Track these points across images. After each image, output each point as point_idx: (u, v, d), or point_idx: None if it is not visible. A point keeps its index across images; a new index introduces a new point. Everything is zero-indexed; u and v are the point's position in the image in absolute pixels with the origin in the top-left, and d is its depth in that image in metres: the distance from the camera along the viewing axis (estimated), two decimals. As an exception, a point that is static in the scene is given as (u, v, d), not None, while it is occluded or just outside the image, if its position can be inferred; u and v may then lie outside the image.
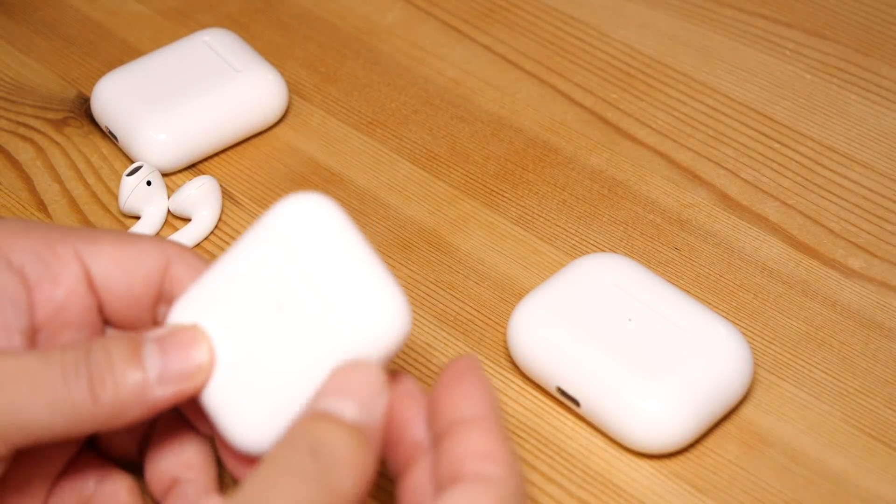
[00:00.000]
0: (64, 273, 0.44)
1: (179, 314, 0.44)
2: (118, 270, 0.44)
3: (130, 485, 0.46)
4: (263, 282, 0.42)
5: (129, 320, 0.45)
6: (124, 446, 0.47)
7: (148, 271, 0.44)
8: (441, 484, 0.40)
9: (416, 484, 0.41)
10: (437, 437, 0.41)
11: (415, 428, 0.41)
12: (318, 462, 0.37)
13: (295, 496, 0.37)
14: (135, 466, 0.47)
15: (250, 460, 0.43)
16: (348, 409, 0.39)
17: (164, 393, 0.41)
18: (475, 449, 0.39)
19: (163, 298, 0.45)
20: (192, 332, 0.42)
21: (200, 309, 0.43)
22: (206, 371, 0.42)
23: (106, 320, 0.45)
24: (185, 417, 0.46)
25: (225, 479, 0.50)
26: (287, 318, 0.42)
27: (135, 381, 0.41)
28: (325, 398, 0.39)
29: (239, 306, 0.42)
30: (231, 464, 0.44)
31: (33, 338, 0.44)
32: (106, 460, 0.46)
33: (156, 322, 0.46)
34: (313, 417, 0.39)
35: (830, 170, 0.61)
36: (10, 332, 0.43)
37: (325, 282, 0.41)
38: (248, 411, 0.42)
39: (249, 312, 0.42)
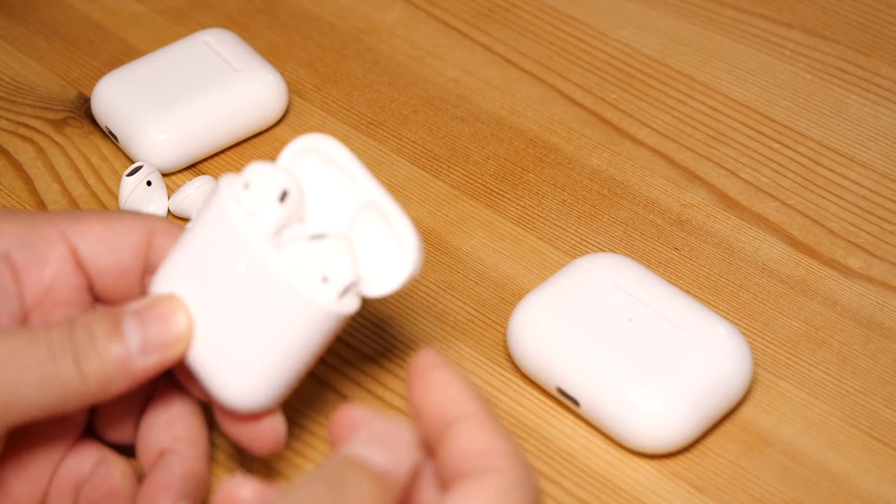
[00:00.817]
0: (50, 254, 0.45)
1: (158, 285, 0.44)
2: (105, 247, 0.45)
3: (124, 468, 0.46)
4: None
5: (118, 295, 0.46)
6: (121, 431, 0.47)
7: (133, 245, 0.45)
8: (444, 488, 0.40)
9: (423, 495, 0.41)
10: (433, 445, 0.41)
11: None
12: (335, 498, 0.37)
13: None
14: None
15: (245, 419, 0.44)
16: (377, 456, 0.38)
17: (146, 363, 0.42)
18: (472, 447, 0.39)
19: (148, 270, 0.46)
20: (169, 302, 0.43)
21: (178, 277, 0.44)
22: (186, 339, 0.43)
23: (96, 297, 0.46)
24: (179, 384, 0.46)
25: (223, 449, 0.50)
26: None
27: (117, 355, 0.42)
28: (357, 444, 0.39)
29: (216, 267, 0.43)
30: (227, 425, 0.45)
31: (24, 320, 0.45)
32: (104, 446, 0.47)
33: (144, 294, 0.46)
34: (342, 459, 0.39)
35: (830, 170, 0.61)
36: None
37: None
38: (236, 369, 0.43)
39: (227, 273, 0.42)
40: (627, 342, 0.50)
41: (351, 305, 0.43)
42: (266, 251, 0.42)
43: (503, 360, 0.53)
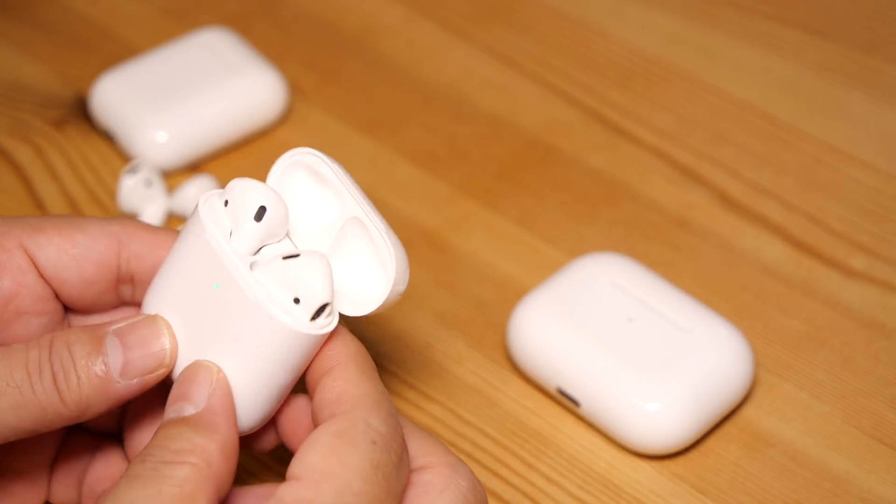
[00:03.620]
0: (8, 264, 0.44)
1: (145, 305, 0.43)
2: (66, 259, 0.44)
3: (121, 454, 0.46)
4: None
5: (89, 303, 0.45)
6: (103, 422, 0.47)
7: (99, 257, 0.44)
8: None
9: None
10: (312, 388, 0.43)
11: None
12: (146, 463, 0.39)
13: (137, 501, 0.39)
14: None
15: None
16: (184, 409, 0.41)
17: (127, 386, 0.42)
18: (326, 396, 0.41)
19: (122, 279, 0.45)
20: (152, 324, 0.42)
21: (160, 297, 0.43)
22: (169, 363, 0.42)
23: (65, 304, 0.45)
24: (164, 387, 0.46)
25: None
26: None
27: (98, 378, 0.41)
28: (167, 408, 0.41)
29: (194, 287, 0.42)
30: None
31: None
32: (95, 435, 0.47)
33: (123, 302, 0.46)
34: (161, 426, 0.41)
35: (832, 169, 0.61)
36: None
37: None
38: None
39: (205, 293, 0.42)
40: (627, 342, 0.50)
41: (325, 326, 0.42)
42: (239, 271, 0.41)
43: (503, 360, 0.53)
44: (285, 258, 0.41)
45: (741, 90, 0.65)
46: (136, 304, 0.46)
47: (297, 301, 0.41)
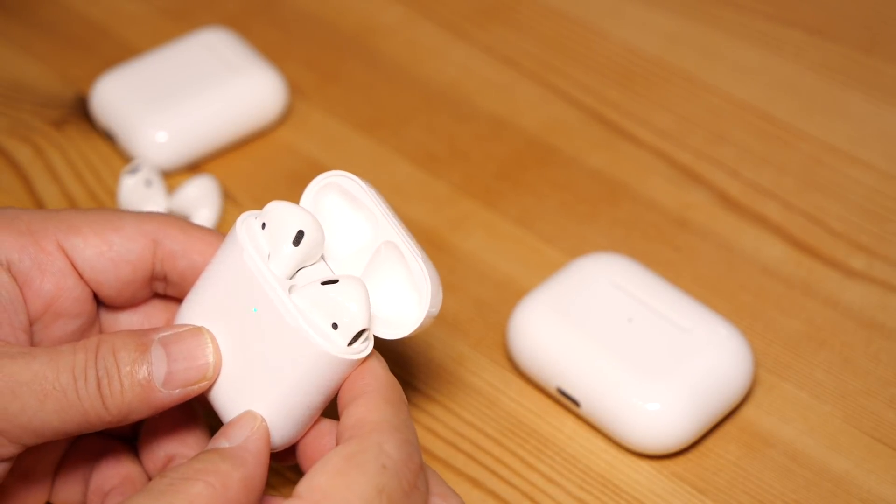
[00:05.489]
0: (50, 266, 0.44)
1: (183, 316, 0.44)
2: (103, 262, 0.44)
3: (130, 455, 0.46)
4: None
5: (124, 300, 0.46)
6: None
7: (135, 258, 0.45)
8: None
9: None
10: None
11: None
12: (165, 478, 0.40)
13: None
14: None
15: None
16: (219, 443, 0.41)
17: (169, 396, 0.42)
18: (347, 422, 0.41)
19: (157, 277, 0.45)
20: (197, 337, 0.42)
21: (199, 312, 0.43)
22: (212, 376, 0.42)
23: (101, 302, 0.46)
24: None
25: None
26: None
27: (140, 387, 0.41)
28: (211, 441, 0.42)
29: (232, 307, 0.42)
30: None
31: (29, 331, 0.44)
32: (104, 437, 0.47)
33: (155, 294, 0.46)
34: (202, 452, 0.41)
35: (832, 169, 0.61)
36: (14, 329, 0.43)
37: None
38: (252, 409, 0.42)
39: (242, 313, 0.42)
40: (627, 342, 0.50)
41: (361, 351, 0.42)
42: (278, 296, 0.41)
43: (503, 360, 0.53)
44: (324, 283, 0.42)
45: (741, 90, 0.65)
46: (169, 297, 0.46)
47: (335, 326, 0.41)
